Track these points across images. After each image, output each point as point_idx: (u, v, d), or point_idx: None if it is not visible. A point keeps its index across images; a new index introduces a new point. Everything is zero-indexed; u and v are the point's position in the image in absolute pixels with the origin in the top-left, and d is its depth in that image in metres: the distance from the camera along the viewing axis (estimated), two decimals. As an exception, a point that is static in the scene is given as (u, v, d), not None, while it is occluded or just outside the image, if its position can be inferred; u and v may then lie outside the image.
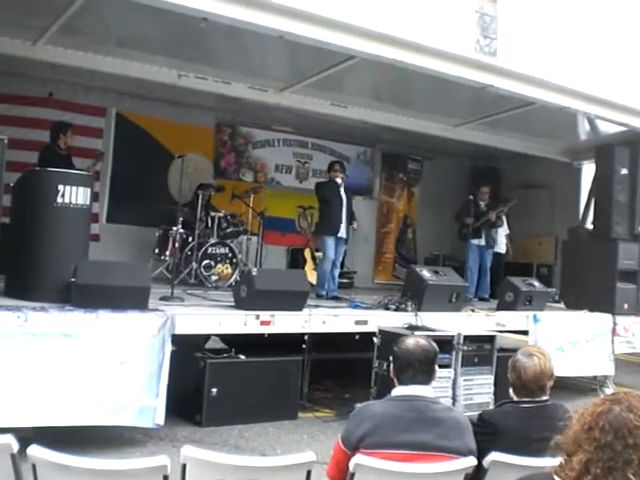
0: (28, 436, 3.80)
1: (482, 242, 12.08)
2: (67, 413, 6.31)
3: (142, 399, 6.71)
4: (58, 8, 7.67)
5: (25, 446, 3.16)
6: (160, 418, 6.73)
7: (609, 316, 10.84)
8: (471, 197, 12.03)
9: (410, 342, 3.95)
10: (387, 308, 9.12)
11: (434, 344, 4.02)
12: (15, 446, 3.17)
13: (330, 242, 10.12)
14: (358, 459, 3.46)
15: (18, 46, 8.43)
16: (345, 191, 10.32)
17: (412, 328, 7.84)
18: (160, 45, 8.92)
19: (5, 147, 6.34)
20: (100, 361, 6.56)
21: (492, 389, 7.79)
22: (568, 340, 10.06)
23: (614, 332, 10.85)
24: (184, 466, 3.26)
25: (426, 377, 3.83)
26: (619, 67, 10.19)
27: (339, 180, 10.26)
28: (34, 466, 3.13)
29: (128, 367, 6.69)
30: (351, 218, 10.42)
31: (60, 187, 7.13)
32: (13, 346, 6.20)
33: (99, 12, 7.77)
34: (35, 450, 3.12)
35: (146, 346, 6.82)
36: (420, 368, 3.82)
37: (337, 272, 10.43)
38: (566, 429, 2.39)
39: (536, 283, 10.76)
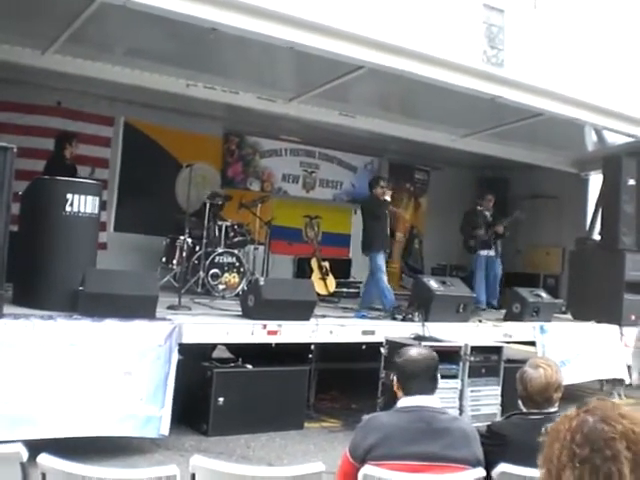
0: (38, 444, 3.80)
1: (491, 253, 12.01)
2: (73, 424, 6.27)
3: (148, 409, 6.68)
4: (67, 18, 7.71)
5: (35, 454, 3.17)
6: (165, 428, 6.71)
7: (616, 327, 10.78)
8: (479, 208, 12.03)
9: (413, 352, 3.97)
10: (394, 318, 9.10)
11: (434, 352, 4.04)
12: (25, 454, 3.18)
13: (382, 256, 10.35)
14: (366, 470, 3.46)
15: (27, 55, 8.47)
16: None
17: (419, 338, 7.84)
18: (169, 55, 8.93)
19: (14, 156, 6.34)
20: (106, 371, 6.54)
21: (499, 400, 7.77)
22: (575, 351, 10.00)
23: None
24: (193, 475, 3.27)
25: (431, 386, 3.85)
26: (627, 78, 10.17)
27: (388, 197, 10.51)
28: (44, 475, 3.14)
29: (134, 377, 6.67)
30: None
31: (69, 196, 7.15)
32: (20, 355, 6.17)
33: (108, 22, 7.79)
34: (45, 459, 3.14)
35: (153, 356, 6.81)
36: (426, 377, 3.83)
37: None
38: (545, 446, 2.27)
39: (543, 294, 10.73)
